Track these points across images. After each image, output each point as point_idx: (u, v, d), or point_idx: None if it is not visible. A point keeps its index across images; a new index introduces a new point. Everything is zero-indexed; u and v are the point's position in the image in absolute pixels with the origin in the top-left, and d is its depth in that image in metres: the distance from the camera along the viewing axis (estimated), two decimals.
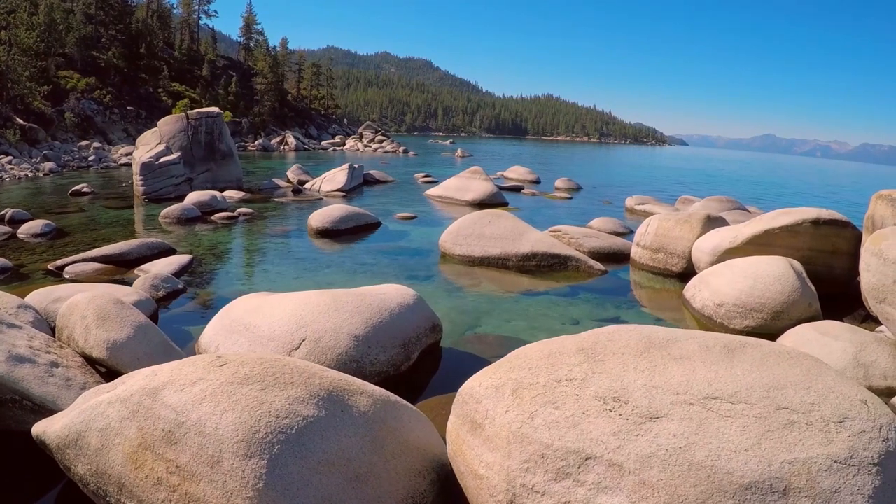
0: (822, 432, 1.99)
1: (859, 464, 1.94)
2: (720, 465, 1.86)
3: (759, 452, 1.90)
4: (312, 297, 4.11)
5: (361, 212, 10.18)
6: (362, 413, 2.26)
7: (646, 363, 2.20)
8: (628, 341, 2.32)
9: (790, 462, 1.89)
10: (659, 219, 8.17)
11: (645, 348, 2.28)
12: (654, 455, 1.87)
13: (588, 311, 6.20)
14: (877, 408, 2.18)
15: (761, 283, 5.86)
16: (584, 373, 2.13)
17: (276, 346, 3.86)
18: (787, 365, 2.30)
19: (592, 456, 1.90)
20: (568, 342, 2.33)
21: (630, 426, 1.95)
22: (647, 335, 2.38)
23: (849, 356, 4.89)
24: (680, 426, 1.94)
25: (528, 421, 2.00)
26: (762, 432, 1.95)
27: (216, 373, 2.23)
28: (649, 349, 2.28)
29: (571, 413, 2.00)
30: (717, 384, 2.10)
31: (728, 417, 1.98)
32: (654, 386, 2.07)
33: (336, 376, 2.42)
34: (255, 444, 1.93)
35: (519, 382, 2.11)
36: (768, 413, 2.02)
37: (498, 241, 7.60)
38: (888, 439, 2.06)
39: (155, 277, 6.22)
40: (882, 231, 5.82)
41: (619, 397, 2.03)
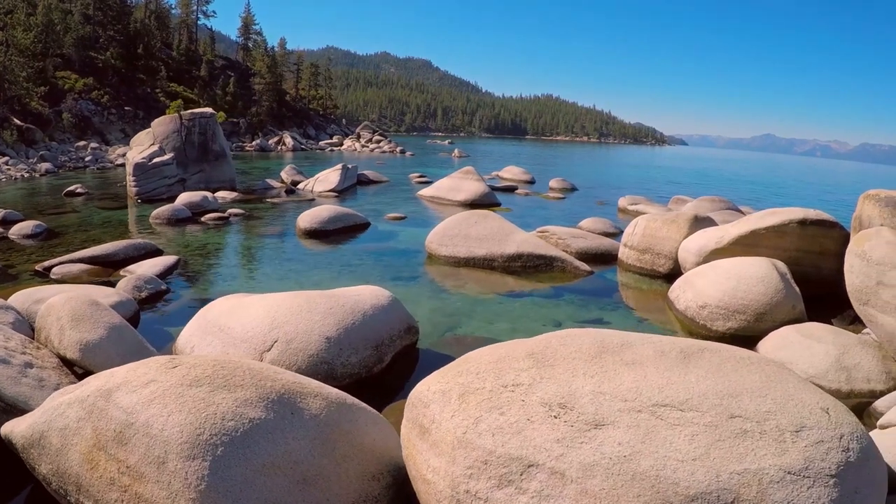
0: (777, 442, 1.92)
1: (815, 475, 1.87)
2: (666, 474, 1.81)
3: (707, 462, 1.83)
4: (286, 298, 4.11)
5: (350, 212, 10.19)
6: (314, 416, 2.25)
7: (596, 368, 2.15)
8: (580, 346, 2.27)
9: (740, 473, 1.82)
10: (646, 219, 8.16)
11: (597, 353, 2.23)
12: (598, 463, 1.83)
13: (571, 312, 6.19)
14: (839, 416, 2.11)
15: (744, 284, 5.82)
16: (531, 378, 2.08)
17: (248, 348, 3.86)
18: (746, 371, 2.24)
19: (535, 463, 1.86)
20: (518, 346, 2.29)
21: (574, 433, 1.90)
22: (600, 340, 2.34)
23: (831, 359, 4.85)
24: (626, 434, 1.90)
25: (472, 426, 1.97)
26: (712, 441, 1.89)
27: (167, 375, 2.23)
28: (601, 354, 2.23)
29: (516, 419, 1.96)
30: (669, 391, 2.05)
31: (677, 426, 1.93)
32: (603, 392, 2.03)
33: (291, 379, 2.42)
34: (198, 445, 1.94)
35: (466, 387, 2.08)
36: (720, 421, 1.96)
37: (484, 242, 7.60)
38: (849, 450, 1.99)
39: (138, 278, 6.23)
40: (866, 231, 5.78)
41: (566, 403, 1.98)
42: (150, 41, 36.02)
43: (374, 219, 10.93)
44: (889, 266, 5.12)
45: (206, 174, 14.51)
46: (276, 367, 2.61)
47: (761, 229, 7.10)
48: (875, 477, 2.04)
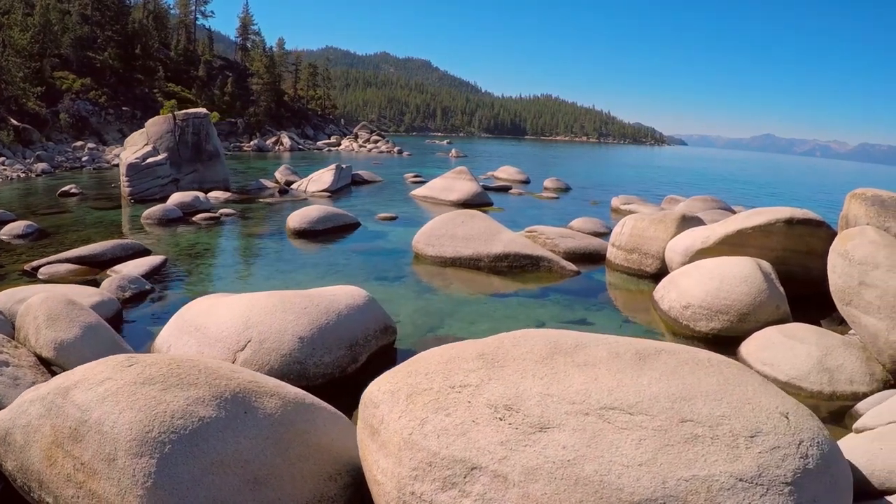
0: (729, 448, 1.86)
1: (769, 483, 1.80)
2: (609, 480, 1.75)
3: (653, 468, 1.78)
4: (261, 298, 4.11)
5: (340, 212, 10.19)
6: (268, 415, 2.26)
7: (546, 370, 2.10)
8: (532, 346, 2.23)
9: (688, 479, 1.76)
10: (634, 219, 8.14)
11: (549, 354, 2.19)
12: (541, 467, 1.79)
13: (555, 312, 6.18)
14: (799, 421, 2.05)
15: (727, 284, 5.78)
16: (479, 379, 2.05)
17: (222, 348, 3.86)
18: (704, 374, 2.17)
19: (478, 466, 1.83)
20: (469, 347, 2.26)
21: (519, 436, 1.86)
22: (554, 340, 2.30)
23: (813, 360, 4.82)
24: (571, 437, 1.85)
25: (418, 427, 1.95)
26: (660, 446, 1.83)
27: (123, 373, 2.24)
28: (553, 355, 2.18)
29: (461, 420, 1.93)
30: (618, 393, 1.99)
31: (624, 429, 1.87)
32: (550, 394, 1.98)
33: (248, 378, 2.42)
34: (146, 443, 1.95)
35: (414, 387, 2.07)
36: (670, 426, 1.89)
37: (470, 242, 7.60)
38: (808, 456, 1.92)
39: (122, 278, 6.23)
40: (849, 231, 5.76)
41: (512, 405, 1.94)
42: (148, 41, 36.05)
43: (364, 219, 10.94)
44: (871, 266, 5.08)
45: (200, 174, 14.52)
46: (236, 366, 2.61)
47: (748, 229, 7.08)
48: (837, 484, 1.98)
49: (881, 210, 6.83)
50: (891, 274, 4.93)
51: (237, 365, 3.77)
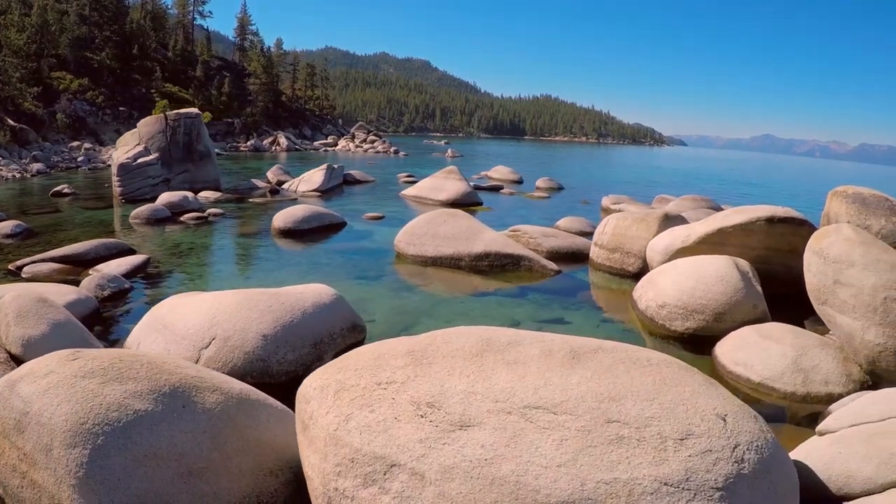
0: (656, 450, 1.80)
1: (697, 488, 1.74)
2: (526, 480, 1.71)
3: (572, 469, 1.73)
4: (227, 296, 4.14)
5: (326, 212, 10.22)
6: (207, 410, 2.28)
7: (474, 367, 2.07)
8: (464, 344, 2.20)
9: (608, 482, 1.70)
10: (616, 218, 8.15)
11: (479, 352, 2.16)
12: (458, 466, 1.75)
13: (532, 312, 6.19)
14: (738, 424, 1.97)
15: (703, 283, 5.75)
16: (406, 376, 2.04)
17: (188, 345, 3.89)
18: (639, 373, 2.12)
19: (397, 463, 1.81)
20: (401, 343, 2.26)
21: (438, 434, 1.84)
22: (487, 337, 2.26)
23: (788, 360, 4.79)
24: (491, 436, 1.81)
25: (343, 423, 1.95)
26: (581, 447, 1.78)
27: (66, 366, 2.27)
28: (483, 353, 2.15)
29: (384, 417, 1.92)
30: (544, 392, 1.94)
31: (546, 429, 1.82)
32: (474, 392, 1.94)
33: (192, 373, 2.44)
34: (80, 434, 1.99)
35: (342, 384, 2.06)
36: (594, 426, 1.84)
37: (451, 241, 7.61)
38: (743, 461, 1.85)
39: (101, 277, 6.27)
40: (825, 229, 5.71)
41: (434, 402, 1.92)
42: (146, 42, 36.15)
43: (351, 218, 10.97)
44: (846, 264, 4.97)
45: (191, 174, 14.56)
46: (184, 362, 2.63)
47: (728, 227, 7.04)
48: (777, 491, 1.90)
49: (862, 208, 6.80)
50: (866, 272, 4.85)
51: (201, 362, 3.80)
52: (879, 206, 6.90)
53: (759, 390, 4.65)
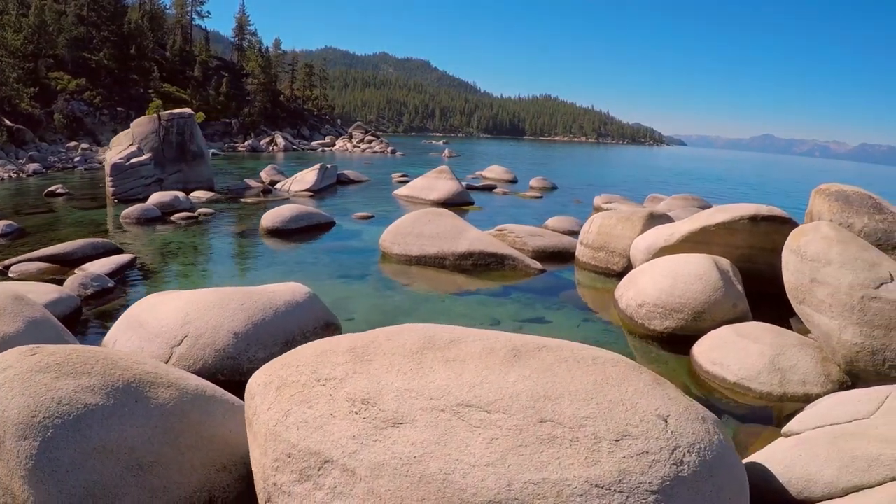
0: (589, 451, 1.76)
1: (630, 490, 1.70)
2: (454, 479, 1.69)
3: (501, 469, 1.70)
4: (202, 294, 4.18)
5: (314, 211, 10.26)
6: (160, 405, 2.31)
7: (412, 364, 2.05)
8: (405, 341, 2.19)
9: (536, 483, 1.67)
10: (602, 216, 8.15)
11: (419, 349, 2.14)
12: (387, 463, 1.75)
13: (514, 311, 6.21)
14: (681, 425, 1.92)
15: (682, 282, 5.71)
16: (345, 372, 2.03)
17: (161, 343, 3.92)
18: (581, 372, 2.07)
19: (331, 459, 1.82)
20: (343, 340, 2.25)
21: (371, 430, 1.83)
22: (429, 335, 2.24)
23: (765, 360, 4.73)
24: (422, 434, 1.79)
25: (282, 419, 1.96)
26: (511, 447, 1.75)
27: (24, 361, 2.30)
28: (424, 350, 2.13)
29: (321, 413, 1.92)
30: (479, 390, 1.91)
31: (478, 428, 1.79)
32: (410, 389, 1.93)
33: (148, 369, 2.48)
34: (31, 427, 2.03)
35: (284, 380, 2.07)
36: (526, 425, 1.80)
37: (436, 240, 7.63)
38: (682, 463, 1.80)
39: (85, 276, 6.31)
40: (803, 227, 5.67)
41: (369, 399, 1.91)
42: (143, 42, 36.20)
43: (341, 218, 11.00)
44: (823, 262, 4.90)
45: (184, 174, 14.60)
46: (143, 358, 2.67)
47: (711, 226, 6.99)
48: (721, 495, 1.85)
49: (845, 206, 6.69)
50: (843, 271, 4.78)
51: (173, 359, 3.83)
52: (863, 204, 6.82)
53: (734, 390, 4.62)
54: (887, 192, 11.39)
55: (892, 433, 2.76)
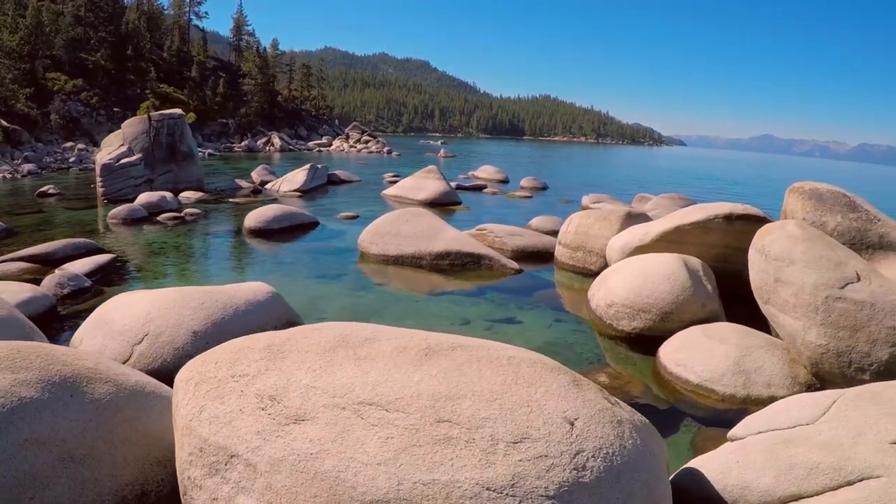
0: (485, 453, 1.72)
1: (524, 495, 1.65)
2: (345, 477, 1.68)
3: (392, 468, 1.68)
4: (164, 294, 4.24)
5: (297, 212, 10.32)
6: (95, 400, 2.38)
7: (322, 362, 2.05)
8: (320, 339, 2.18)
9: (426, 483, 1.64)
10: (580, 216, 8.17)
11: (332, 347, 2.13)
12: (286, 459, 1.76)
13: (487, 311, 6.24)
14: (588, 430, 1.87)
15: (650, 281, 5.67)
16: (258, 369, 2.05)
17: (123, 341, 3.99)
18: (491, 372, 2.02)
19: (236, 454, 1.84)
20: (262, 338, 2.27)
21: (274, 426, 1.84)
22: (345, 333, 2.23)
23: (730, 361, 4.66)
24: (321, 431, 1.79)
25: (197, 414, 1.99)
26: (405, 446, 1.73)
27: None
28: (336, 348, 2.13)
29: (231, 409, 1.94)
30: (382, 389, 1.90)
31: (375, 426, 1.78)
32: (316, 386, 1.93)
33: (89, 365, 2.54)
34: None
35: (203, 376, 2.11)
36: (423, 425, 1.78)
37: (413, 240, 7.69)
38: (584, 468, 1.75)
39: (62, 276, 6.38)
40: (769, 225, 5.59)
41: (276, 396, 1.92)
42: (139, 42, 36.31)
43: (326, 218, 11.07)
44: (787, 261, 4.85)
45: (174, 174, 14.68)
46: (86, 352, 2.74)
47: (686, 225, 6.88)
48: (629, 502, 1.80)
49: (818, 204, 6.58)
50: (807, 270, 4.72)
51: (133, 357, 3.90)
52: (836, 203, 6.72)
53: (697, 392, 4.55)
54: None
55: (834, 440, 2.67)
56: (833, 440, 2.67)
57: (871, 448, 2.55)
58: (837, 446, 2.61)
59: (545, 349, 5.27)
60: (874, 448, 2.54)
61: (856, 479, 2.45)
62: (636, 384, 4.72)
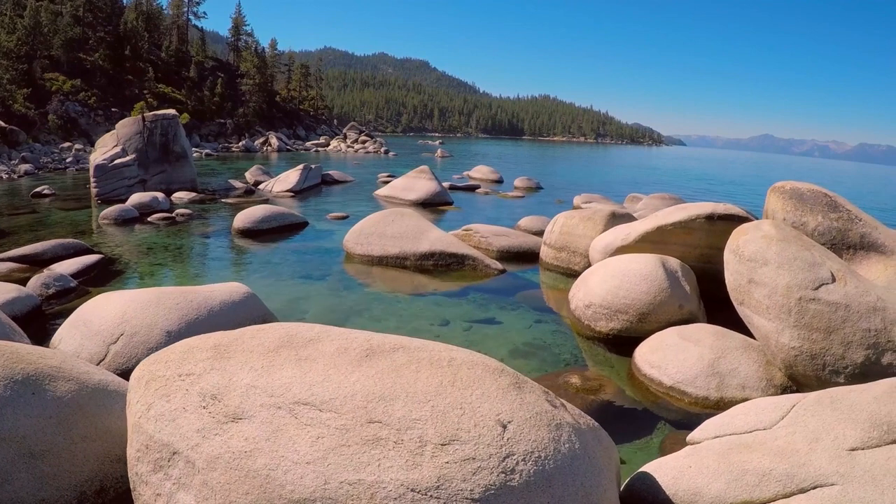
0: (412, 454, 1.72)
1: (448, 497, 1.65)
2: (276, 476, 1.71)
3: (320, 468, 1.70)
4: (141, 294, 4.31)
5: (286, 212, 10.39)
6: (57, 398, 2.45)
7: (265, 362, 2.08)
8: (265, 339, 2.22)
9: (352, 483, 1.67)
10: (565, 216, 8.19)
11: (276, 347, 2.16)
12: (221, 457, 1.80)
13: (467, 311, 6.28)
14: (521, 434, 1.85)
15: (627, 282, 5.64)
16: (204, 368, 2.09)
17: (99, 341, 4.06)
18: (428, 374, 2.01)
19: (178, 451, 1.89)
20: (212, 337, 2.32)
21: (214, 424, 1.89)
22: (291, 334, 2.26)
23: (704, 363, 4.60)
24: (257, 429, 1.82)
25: (145, 412, 2.05)
26: (334, 446, 1.74)
27: None
28: (281, 348, 2.15)
29: (176, 407, 1.99)
30: (318, 389, 1.92)
31: (308, 426, 1.80)
32: (256, 386, 1.96)
33: (53, 363, 2.61)
34: None
35: (153, 374, 2.16)
36: (354, 425, 1.80)
37: (397, 241, 7.74)
38: (514, 472, 1.74)
39: (48, 276, 6.45)
40: (744, 226, 5.48)
41: (217, 394, 1.96)
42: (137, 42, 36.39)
43: (316, 218, 11.13)
44: (760, 262, 4.78)
45: (168, 175, 14.75)
46: (52, 351, 2.80)
47: (668, 225, 6.80)
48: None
49: (798, 204, 6.49)
50: (780, 271, 4.66)
51: (108, 357, 3.97)
52: (817, 203, 6.61)
53: (669, 394, 4.54)
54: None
55: (789, 446, 2.63)
56: (788, 446, 2.63)
57: (826, 455, 2.51)
58: (792, 452, 2.57)
59: (523, 350, 5.32)
60: (830, 455, 2.51)
61: (809, 487, 2.42)
62: (610, 386, 4.72)
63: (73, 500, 2.30)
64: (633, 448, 3.84)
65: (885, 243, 5.86)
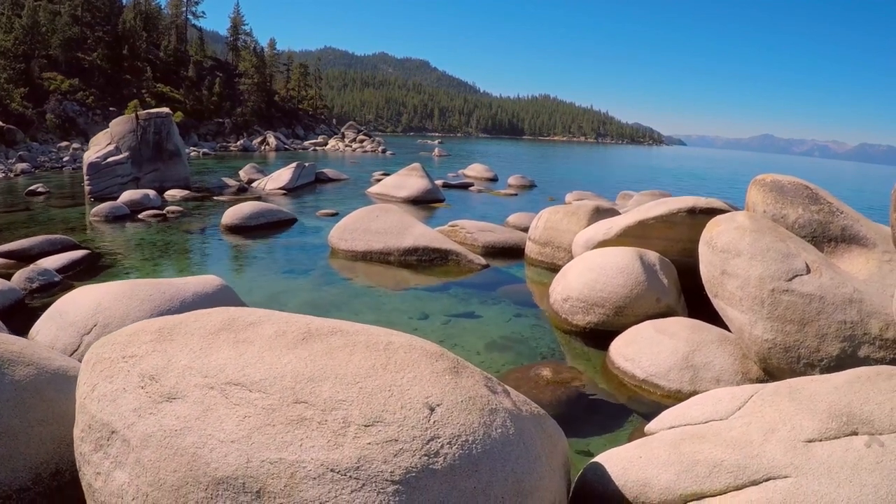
0: (335, 435, 1.73)
1: (367, 478, 1.65)
2: (202, 454, 1.75)
3: (244, 446, 1.73)
4: (116, 286, 4.37)
5: (275, 209, 10.45)
6: (15, 381, 2.50)
7: (204, 344, 2.11)
8: (208, 322, 2.25)
9: (273, 462, 1.69)
10: (549, 211, 8.22)
11: (218, 330, 2.19)
12: (154, 435, 1.85)
13: (447, 306, 6.32)
14: (449, 417, 1.83)
15: (604, 276, 5.64)
16: (146, 350, 2.13)
17: (73, 331, 4.13)
18: (362, 356, 2.02)
19: (116, 430, 1.94)
20: (157, 322, 2.35)
21: (149, 404, 1.93)
22: (232, 317, 2.29)
23: (678, 356, 4.58)
24: (189, 409, 1.86)
25: (90, 392, 2.09)
26: (260, 425, 1.77)
27: None
28: (220, 331, 2.19)
29: (117, 388, 2.03)
30: (250, 370, 1.95)
31: (237, 405, 1.84)
32: (192, 367, 2.00)
33: (15, 349, 2.67)
34: None
35: (100, 356, 2.19)
36: (280, 406, 1.81)
37: (382, 236, 7.79)
38: (437, 455, 1.72)
39: (32, 271, 6.52)
40: (718, 217, 5.37)
41: (155, 375, 2.00)
42: (135, 42, 36.50)
43: (305, 215, 11.19)
44: (733, 254, 4.72)
45: (161, 173, 14.83)
46: (15, 339, 2.86)
47: (649, 219, 6.74)
48: (490, 493, 1.76)
49: (779, 196, 6.40)
50: (752, 262, 4.60)
51: (82, 347, 4.03)
52: (797, 195, 6.52)
53: (642, 387, 4.55)
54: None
55: (743, 437, 2.58)
56: (742, 437, 2.58)
57: (781, 446, 2.47)
58: (746, 443, 2.53)
59: (500, 343, 5.36)
60: (785, 446, 2.47)
61: (762, 479, 2.37)
62: (582, 379, 4.72)
63: (28, 481, 2.36)
64: (601, 440, 3.87)
65: (866, 236, 5.79)
